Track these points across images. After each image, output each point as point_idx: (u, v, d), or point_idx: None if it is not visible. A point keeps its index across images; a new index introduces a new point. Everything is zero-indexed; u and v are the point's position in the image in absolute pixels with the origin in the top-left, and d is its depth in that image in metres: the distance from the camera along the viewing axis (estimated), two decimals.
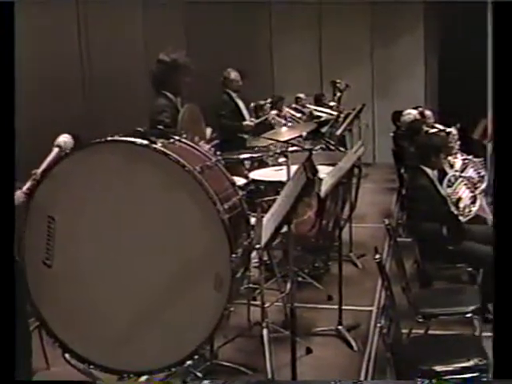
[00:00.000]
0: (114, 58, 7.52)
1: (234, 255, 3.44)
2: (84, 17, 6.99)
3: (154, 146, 3.58)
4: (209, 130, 5.90)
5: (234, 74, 7.66)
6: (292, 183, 3.47)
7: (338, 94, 12.09)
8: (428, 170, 5.59)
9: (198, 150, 4.03)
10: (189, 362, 3.70)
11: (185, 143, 4.01)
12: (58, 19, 6.48)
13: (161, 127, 4.41)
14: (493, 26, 2.99)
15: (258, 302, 4.76)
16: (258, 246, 3.66)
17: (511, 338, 2.58)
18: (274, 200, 3.72)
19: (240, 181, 5.14)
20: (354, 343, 4.94)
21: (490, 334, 4.78)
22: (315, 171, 3.27)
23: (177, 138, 4.01)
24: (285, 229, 3.79)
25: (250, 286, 5.09)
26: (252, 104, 9.20)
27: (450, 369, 3.59)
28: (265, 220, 3.58)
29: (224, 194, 3.68)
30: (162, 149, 3.56)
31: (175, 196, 3.53)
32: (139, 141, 3.60)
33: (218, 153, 4.73)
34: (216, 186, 3.60)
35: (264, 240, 3.44)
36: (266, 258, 5.24)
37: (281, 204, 3.44)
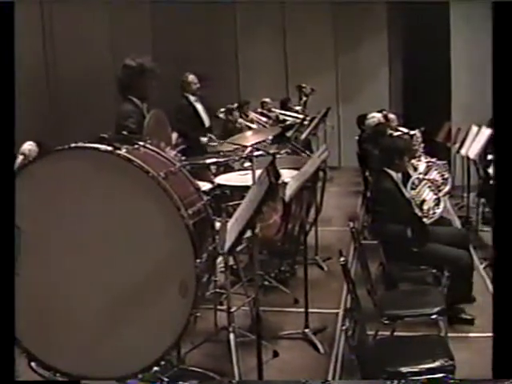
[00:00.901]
0: (78, 61, 7.48)
1: (198, 260, 3.44)
2: (49, 18, 6.94)
3: (118, 152, 3.58)
4: (174, 135, 5.90)
5: (191, 77, 7.64)
6: (255, 188, 3.48)
7: (304, 98, 12.16)
8: (392, 173, 5.63)
9: (162, 155, 4.03)
10: (156, 368, 3.69)
11: (149, 149, 4.01)
12: (22, 22, 6.41)
13: (125, 133, 4.39)
14: (493, 26, 2.99)
15: (224, 307, 4.77)
16: (221, 251, 3.66)
17: (511, 338, 2.60)
18: (239, 204, 3.72)
19: (205, 186, 5.13)
20: (320, 346, 4.95)
21: (455, 334, 4.93)
22: (278, 175, 3.28)
23: (141, 143, 4.01)
24: (250, 233, 3.80)
25: (217, 290, 5.09)
26: (221, 109, 9.21)
27: (416, 370, 3.60)
28: (229, 225, 3.59)
29: (188, 200, 3.69)
30: (126, 155, 3.56)
31: (140, 202, 3.53)
32: (103, 147, 3.59)
33: (183, 158, 4.74)
34: (180, 192, 3.61)
35: (228, 245, 3.44)
36: (232, 263, 5.26)
37: (244, 208, 3.44)
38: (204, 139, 7.34)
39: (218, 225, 3.96)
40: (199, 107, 7.68)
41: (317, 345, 4.97)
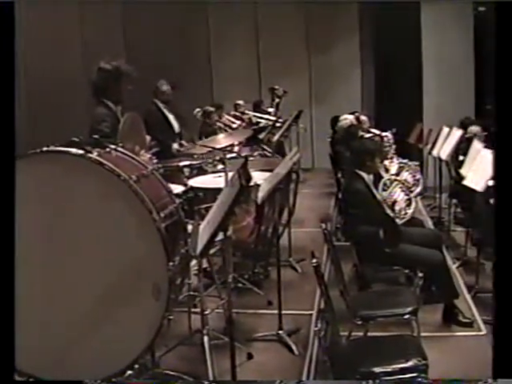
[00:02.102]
0: (49, 63, 7.42)
1: (171, 263, 3.44)
2: (18, 19, 6.90)
3: (90, 155, 3.57)
4: (147, 138, 5.88)
5: (165, 87, 7.60)
6: (227, 190, 3.48)
7: (277, 100, 12.16)
8: (363, 175, 5.66)
9: (134, 158, 4.02)
10: (130, 372, 3.69)
11: (121, 152, 4.00)
12: None
13: (96, 137, 4.38)
14: (496, 27, 3.01)
15: (198, 310, 4.77)
16: (194, 254, 3.66)
17: (511, 338, 2.62)
18: (212, 207, 3.72)
19: (178, 188, 5.13)
20: (294, 347, 4.95)
21: (428, 334, 4.96)
22: (249, 178, 3.29)
23: (113, 147, 3.99)
24: (222, 236, 3.80)
25: (190, 293, 5.08)
26: (198, 109, 9.20)
27: (389, 370, 3.61)
28: (201, 227, 3.59)
29: (160, 203, 3.69)
30: (98, 158, 3.56)
31: (111, 205, 3.52)
32: (74, 151, 3.59)
33: (155, 161, 4.74)
34: (152, 195, 3.60)
35: (200, 247, 3.44)
36: (206, 265, 5.26)
37: (216, 211, 3.45)
38: (175, 145, 7.33)
39: (190, 227, 3.96)
40: (170, 116, 7.65)
41: (291, 346, 4.97)
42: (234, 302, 5.16)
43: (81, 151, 3.58)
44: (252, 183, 4.93)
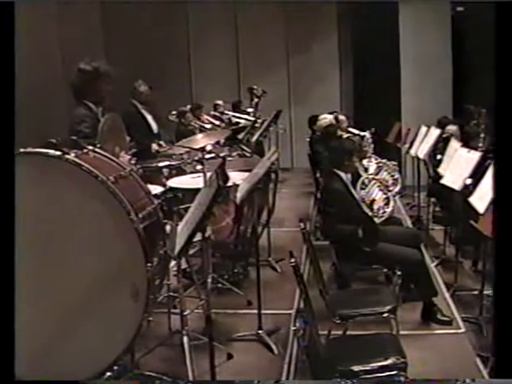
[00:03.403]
0: (30, 65, 7.39)
1: (149, 264, 3.44)
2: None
3: (67, 157, 3.56)
4: (127, 139, 5.87)
5: (143, 88, 7.58)
6: (204, 190, 3.49)
7: (256, 100, 12.16)
8: (342, 174, 5.68)
9: (112, 159, 4.01)
10: (109, 374, 3.68)
11: (99, 153, 3.99)
12: None
13: (75, 138, 4.36)
14: (496, 27, 3.02)
15: (178, 311, 4.76)
16: (172, 255, 3.66)
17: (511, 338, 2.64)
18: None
19: (157, 189, 5.12)
20: (274, 347, 4.96)
21: (407, 332, 4.99)
22: (226, 178, 3.30)
23: (91, 148, 3.98)
24: (200, 236, 3.80)
25: (170, 294, 5.08)
26: (173, 112, 9.19)
27: (368, 368, 3.64)
28: (179, 228, 3.59)
29: (139, 204, 3.69)
30: (75, 159, 3.55)
31: (89, 207, 3.52)
32: (51, 152, 3.58)
33: (133, 161, 4.73)
34: (131, 196, 3.60)
35: (178, 248, 3.44)
36: (185, 266, 5.25)
37: (194, 211, 3.45)
38: (154, 146, 7.31)
39: (168, 228, 3.95)
40: (147, 115, 7.63)
41: (271, 346, 4.98)
42: (213, 302, 5.14)
43: (58, 152, 3.58)
44: (231, 183, 4.95)
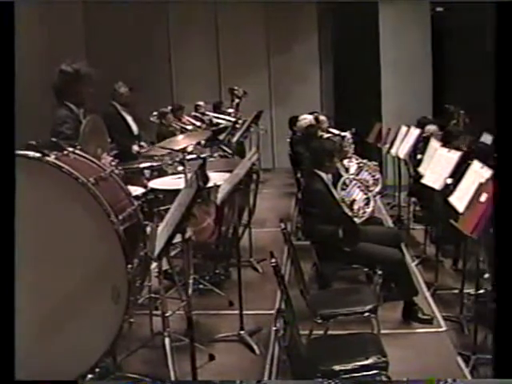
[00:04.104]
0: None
1: (130, 266, 3.43)
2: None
3: (47, 158, 3.55)
4: (108, 141, 5.85)
5: (123, 89, 7.57)
6: (184, 192, 3.49)
7: (237, 101, 12.17)
8: (322, 174, 5.70)
9: (92, 161, 4.00)
10: (91, 376, 3.67)
11: (79, 155, 3.98)
12: None
13: (55, 139, 4.35)
14: (496, 26, 3.02)
15: (159, 312, 4.76)
16: (152, 256, 3.66)
17: (511, 337, 2.65)
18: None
19: (138, 190, 5.11)
20: (256, 347, 4.97)
21: (388, 331, 5.02)
22: (206, 179, 3.30)
23: (71, 149, 3.97)
24: (180, 237, 3.80)
25: (151, 295, 5.07)
26: (154, 113, 9.17)
27: (349, 368, 3.65)
28: (159, 229, 3.59)
29: (119, 205, 3.68)
30: (55, 161, 3.54)
31: (69, 208, 3.51)
32: (31, 154, 3.56)
33: (114, 163, 4.71)
34: (111, 198, 3.60)
35: (158, 249, 3.44)
36: (167, 267, 5.25)
37: (174, 213, 3.45)
38: (135, 147, 7.29)
39: (149, 229, 3.95)
40: (127, 117, 7.62)
41: (252, 346, 4.99)
42: (195, 303, 5.15)
43: (38, 154, 3.56)
44: (211, 184, 4.95)
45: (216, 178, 5.19)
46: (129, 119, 7.61)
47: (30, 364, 3.55)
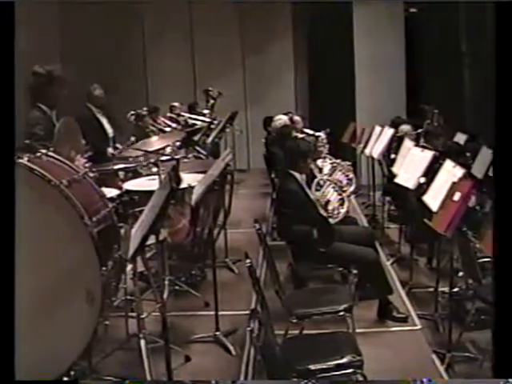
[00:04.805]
0: None
1: (104, 268, 3.42)
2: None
3: (19, 161, 3.53)
4: (83, 143, 5.82)
5: (98, 91, 7.54)
6: (158, 193, 3.49)
7: (212, 102, 12.17)
8: (296, 175, 5.72)
9: (65, 163, 3.98)
10: (66, 378, 3.65)
11: (52, 157, 3.96)
12: None
13: (28, 142, 4.33)
14: (496, 27, 3.03)
15: (135, 314, 4.75)
16: (125, 258, 3.65)
17: (511, 337, 2.67)
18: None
19: (112, 192, 5.09)
20: (232, 348, 4.97)
21: (364, 330, 5.05)
22: (179, 180, 3.30)
23: (44, 151, 3.95)
24: (155, 239, 3.79)
25: (127, 298, 5.06)
26: (131, 112, 9.13)
27: (324, 367, 3.67)
28: (133, 231, 3.58)
29: (93, 208, 3.66)
30: (27, 164, 3.52)
31: (42, 211, 3.48)
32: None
33: (88, 164, 4.70)
34: (84, 200, 3.58)
35: (131, 251, 3.44)
36: (143, 269, 5.23)
37: (147, 214, 3.45)
38: (109, 149, 7.27)
39: (123, 231, 3.94)
40: (103, 119, 7.59)
41: (228, 347, 5.00)
42: (171, 304, 5.17)
43: None
44: (186, 185, 4.95)
45: (190, 179, 5.19)
46: (104, 121, 7.58)
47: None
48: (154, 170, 5.99)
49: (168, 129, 10.57)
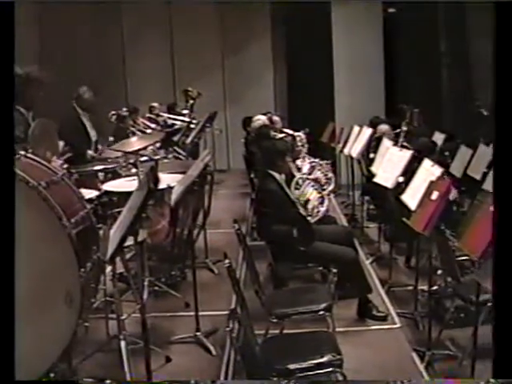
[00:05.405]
0: None
1: (82, 270, 3.42)
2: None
3: None
4: (61, 144, 5.79)
5: (87, 94, 7.48)
6: (136, 194, 3.48)
7: (191, 102, 12.14)
8: (276, 174, 5.72)
9: (44, 164, 3.97)
10: (45, 380, 3.64)
11: (31, 158, 3.94)
12: None
13: None
14: (495, 27, 3.03)
15: (115, 315, 4.73)
16: (104, 259, 3.64)
17: (511, 337, 2.68)
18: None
19: (92, 193, 5.08)
20: (212, 348, 4.97)
21: (344, 329, 5.07)
22: (157, 181, 3.29)
23: (22, 153, 3.94)
24: (134, 240, 3.79)
25: (107, 299, 5.04)
26: (112, 112, 9.08)
27: (304, 366, 3.68)
28: (111, 232, 3.57)
29: (71, 209, 3.66)
30: None
31: (20, 213, 3.46)
32: None
33: (65, 166, 4.68)
34: (63, 201, 3.57)
35: (110, 252, 3.43)
36: (122, 270, 5.22)
37: (125, 215, 3.44)
38: (90, 152, 7.23)
39: (102, 232, 3.93)
40: (87, 122, 7.54)
41: (208, 347, 5.00)
42: (151, 305, 5.16)
43: None
44: (165, 186, 4.95)
45: (169, 179, 5.19)
46: (88, 125, 7.53)
47: None
48: (134, 170, 5.99)
49: (149, 130, 10.54)
